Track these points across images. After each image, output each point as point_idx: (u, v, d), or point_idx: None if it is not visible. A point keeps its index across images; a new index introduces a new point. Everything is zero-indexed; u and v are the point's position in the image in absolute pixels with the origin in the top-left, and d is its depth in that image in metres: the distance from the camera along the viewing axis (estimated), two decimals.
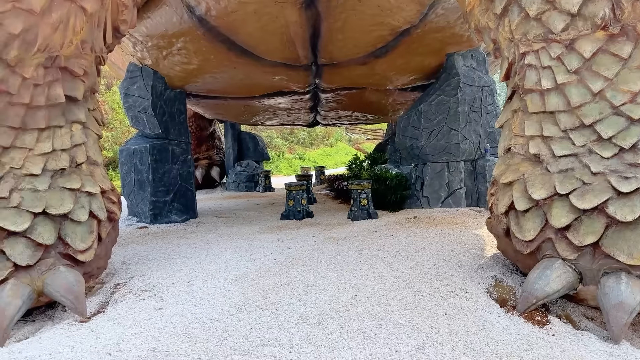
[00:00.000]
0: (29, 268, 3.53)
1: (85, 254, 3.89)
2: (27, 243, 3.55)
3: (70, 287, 3.53)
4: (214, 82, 9.52)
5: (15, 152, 3.81)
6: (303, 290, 4.34)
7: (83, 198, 4.01)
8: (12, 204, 3.60)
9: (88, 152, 4.28)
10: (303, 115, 13.37)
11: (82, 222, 3.90)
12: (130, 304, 4.15)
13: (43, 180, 3.85)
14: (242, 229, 8.04)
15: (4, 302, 3.23)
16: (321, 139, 36.35)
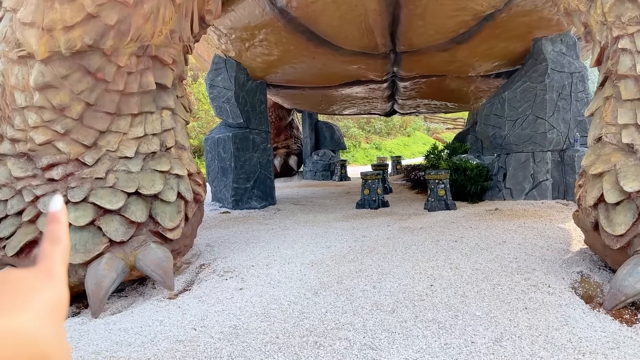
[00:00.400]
0: (122, 244, 3.90)
1: (173, 232, 4.24)
2: (121, 220, 3.93)
3: (160, 262, 3.87)
4: (293, 73, 9.78)
5: (111, 136, 4.21)
6: (377, 278, 4.43)
7: (172, 180, 4.35)
8: (108, 184, 3.99)
9: (176, 137, 4.63)
10: (380, 104, 13.33)
11: (171, 202, 4.24)
12: (213, 284, 4.47)
13: (136, 162, 4.22)
14: (318, 217, 8.27)
15: (100, 275, 3.63)
16: (398, 128, 35.71)
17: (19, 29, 3.87)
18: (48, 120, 3.98)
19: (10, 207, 3.83)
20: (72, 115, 4.03)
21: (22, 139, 4.03)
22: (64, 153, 4.01)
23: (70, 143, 4.04)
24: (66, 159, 4.01)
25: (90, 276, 3.62)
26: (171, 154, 4.53)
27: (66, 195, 3.84)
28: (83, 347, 3.17)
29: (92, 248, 3.74)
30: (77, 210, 3.79)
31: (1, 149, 4.05)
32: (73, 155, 4.02)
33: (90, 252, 3.73)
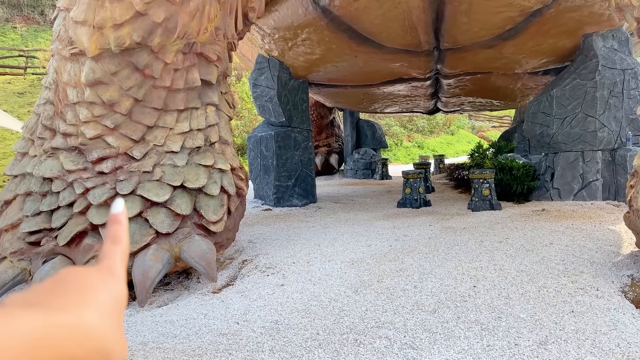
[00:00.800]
0: (168, 235, 3.98)
1: (216, 225, 4.28)
2: (167, 213, 4.00)
3: (204, 254, 3.92)
4: (335, 71, 9.74)
5: (158, 131, 4.30)
6: (419, 278, 4.35)
7: (215, 174, 4.40)
8: (155, 177, 4.07)
9: (220, 132, 4.68)
10: (423, 102, 13.11)
11: (215, 195, 4.29)
12: (255, 279, 4.50)
13: (181, 157, 4.29)
14: (358, 215, 8.20)
15: (147, 265, 3.70)
16: (441, 126, 34.88)
17: (71, 27, 4.00)
18: (98, 116, 4.10)
19: (62, 198, 3.96)
20: (121, 111, 4.13)
21: (73, 133, 4.16)
22: (113, 147, 4.12)
23: (119, 137, 4.14)
24: (115, 152, 4.12)
25: (137, 266, 3.71)
26: (215, 149, 4.59)
27: (115, 188, 3.94)
28: (131, 337, 3.26)
29: (140, 239, 3.83)
30: (126, 202, 3.87)
31: (54, 142, 4.20)
32: (122, 150, 4.13)
33: (138, 243, 3.81)
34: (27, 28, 28.89)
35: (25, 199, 4.13)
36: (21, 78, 21.12)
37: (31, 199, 4.10)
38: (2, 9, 28.62)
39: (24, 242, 3.93)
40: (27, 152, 4.38)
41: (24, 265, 3.87)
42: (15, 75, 21.52)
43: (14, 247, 3.92)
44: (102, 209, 3.86)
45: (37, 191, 4.08)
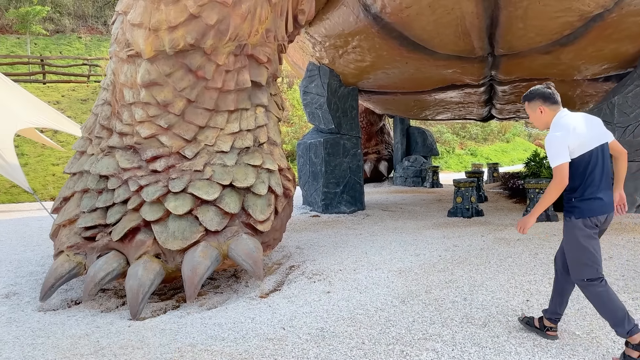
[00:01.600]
0: (217, 233, 3.98)
1: (263, 224, 4.26)
2: (216, 211, 4.01)
3: (251, 252, 3.90)
4: (385, 78, 9.59)
5: (209, 131, 4.33)
6: (469, 290, 4.16)
7: (263, 174, 4.39)
8: (205, 176, 4.09)
9: (269, 133, 4.67)
10: (476, 109, 12.69)
11: (262, 195, 4.27)
12: (302, 285, 4.44)
13: (231, 156, 4.30)
14: (407, 224, 7.99)
15: (195, 261, 3.71)
16: (496, 134, 33.34)
17: (128, 30, 4.10)
18: (153, 116, 4.17)
19: (117, 195, 4.04)
20: (175, 111, 4.19)
21: (129, 132, 4.25)
22: (167, 146, 4.18)
23: (172, 137, 4.20)
24: (168, 152, 4.17)
25: (186, 262, 3.73)
26: (263, 149, 4.58)
27: (167, 186, 3.99)
28: (181, 339, 3.29)
29: (189, 236, 3.85)
30: (177, 200, 3.92)
31: (111, 141, 4.31)
32: (175, 149, 4.18)
33: (188, 239, 3.83)
34: (90, 38, 30.41)
35: (82, 195, 4.25)
36: (84, 85, 22.12)
37: (88, 195, 4.21)
38: (68, 20, 30.25)
39: (80, 237, 4.04)
40: (85, 151, 4.52)
41: (80, 260, 3.97)
42: (79, 82, 22.54)
43: (70, 241, 4.03)
44: (154, 206, 3.91)
45: (94, 188, 4.19)
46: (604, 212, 2.80)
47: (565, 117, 2.90)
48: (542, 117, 3.01)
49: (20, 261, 5.92)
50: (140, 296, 3.56)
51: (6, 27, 28.21)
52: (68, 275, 3.92)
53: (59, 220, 4.28)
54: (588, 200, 2.79)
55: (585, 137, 2.79)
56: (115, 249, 3.94)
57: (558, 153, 2.78)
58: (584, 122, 2.86)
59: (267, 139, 4.62)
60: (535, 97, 3.01)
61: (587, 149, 2.79)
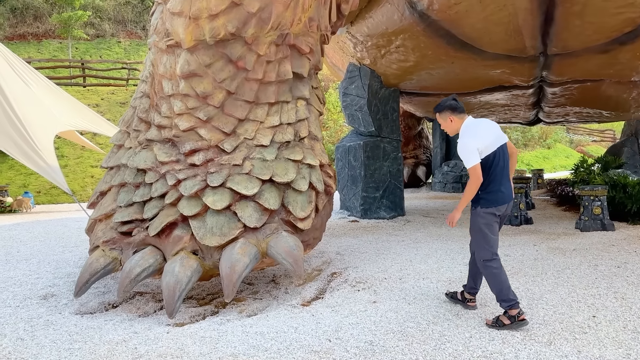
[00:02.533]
0: (255, 230, 3.80)
1: (304, 222, 4.05)
2: (255, 207, 3.83)
3: (291, 250, 3.70)
4: (429, 79, 9.30)
5: (248, 124, 4.16)
6: (527, 304, 3.86)
7: (304, 169, 4.19)
8: (245, 170, 3.92)
9: (310, 127, 4.47)
10: (523, 112, 12.19)
11: (303, 191, 4.07)
12: (346, 294, 4.21)
13: (271, 151, 4.12)
14: (452, 231, 7.65)
15: (234, 258, 3.53)
16: (537, 139, 32.46)
17: (168, 19, 3.99)
18: (192, 108, 4.04)
19: (154, 190, 3.91)
20: (214, 103, 4.04)
21: (167, 125, 4.13)
22: (205, 140, 4.03)
23: (211, 130, 4.05)
24: (207, 145, 4.03)
25: (224, 259, 3.56)
26: (304, 144, 4.39)
27: (205, 180, 3.84)
28: (222, 348, 3.12)
29: (228, 232, 3.68)
30: (216, 194, 3.76)
31: (149, 134, 4.20)
32: (213, 142, 4.03)
33: (226, 235, 3.66)
34: (130, 42, 31.18)
35: (119, 190, 4.15)
36: (123, 89, 22.62)
37: (125, 190, 4.10)
38: (108, 25, 31.12)
39: (116, 232, 3.92)
40: (122, 144, 4.43)
41: (115, 255, 3.85)
42: (118, 86, 23.05)
43: (106, 236, 3.92)
44: (192, 200, 3.76)
45: (131, 182, 4.07)
46: (505, 202, 3.43)
47: (472, 124, 3.46)
48: (452, 125, 3.55)
49: (59, 262, 5.88)
50: (177, 294, 3.39)
51: (49, 32, 29.24)
52: (103, 270, 3.80)
53: (95, 214, 4.19)
54: (491, 193, 3.38)
55: (489, 140, 3.36)
56: (151, 245, 3.81)
57: (470, 156, 3.30)
58: (486, 127, 3.43)
59: (308, 133, 4.43)
60: (445, 108, 3.56)
61: (491, 150, 3.36)
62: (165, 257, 3.74)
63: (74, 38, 28.02)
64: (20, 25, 29.34)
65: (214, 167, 3.92)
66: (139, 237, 3.83)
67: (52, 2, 29.01)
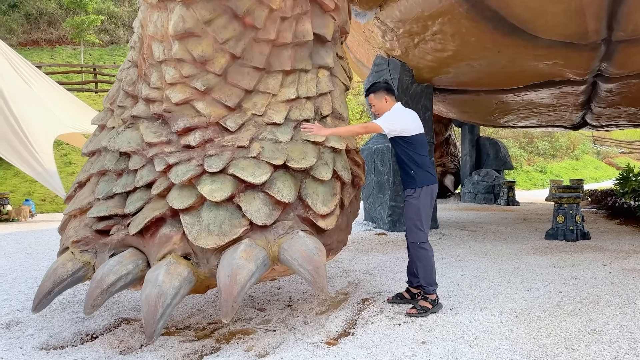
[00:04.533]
0: (264, 228, 3.03)
1: (326, 219, 3.27)
2: (264, 199, 3.07)
3: (310, 255, 2.91)
4: (469, 73, 8.52)
5: (257, 97, 3.42)
6: (628, 347, 3.01)
7: (327, 154, 3.42)
8: (252, 153, 3.17)
9: (334, 104, 3.71)
10: (569, 113, 11.32)
11: (325, 181, 3.29)
12: (383, 329, 3.38)
13: (285, 130, 3.37)
14: (498, 247, 6.80)
15: (236, 265, 2.77)
16: (565, 150, 32.00)
17: None
18: (187, 76, 3.33)
19: (139, 178, 3.21)
20: (215, 70, 3.34)
21: (157, 98, 3.43)
22: (203, 115, 3.31)
23: (210, 103, 3.33)
24: (205, 122, 3.30)
25: (223, 266, 2.80)
26: (326, 123, 3.63)
27: (202, 165, 3.11)
28: None
29: (229, 230, 2.93)
30: (214, 182, 3.03)
31: (134, 110, 3.50)
32: (213, 119, 3.30)
33: (226, 235, 2.92)
34: None
35: (99, 179, 3.46)
36: None
37: (105, 179, 3.41)
38: (123, 31, 31.25)
39: (90, 229, 3.22)
40: (105, 125, 3.75)
41: (87, 259, 3.15)
42: None
43: (78, 235, 3.23)
44: (185, 190, 3.03)
45: (112, 169, 3.38)
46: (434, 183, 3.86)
47: (402, 108, 3.93)
48: (385, 106, 3.94)
49: (38, 279, 5.16)
50: (160, 310, 2.64)
51: (62, 39, 29.46)
52: (71, 278, 3.09)
53: (68, 209, 3.49)
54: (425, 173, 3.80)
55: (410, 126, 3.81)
56: (132, 247, 3.09)
57: (387, 121, 3.77)
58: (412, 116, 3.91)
59: (331, 111, 3.67)
60: (382, 88, 3.95)
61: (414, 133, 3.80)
62: (149, 262, 3.02)
63: (88, 44, 28.10)
64: (34, 31, 29.61)
65: (213, 149, 3.18)
66: (117, 236, 3.11)
67: (65, 7, 29.21)
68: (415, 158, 3.76)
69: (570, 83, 8.78)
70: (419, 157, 3.78)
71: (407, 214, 3.81)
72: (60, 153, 17.31)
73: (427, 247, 3.77)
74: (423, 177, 3.75)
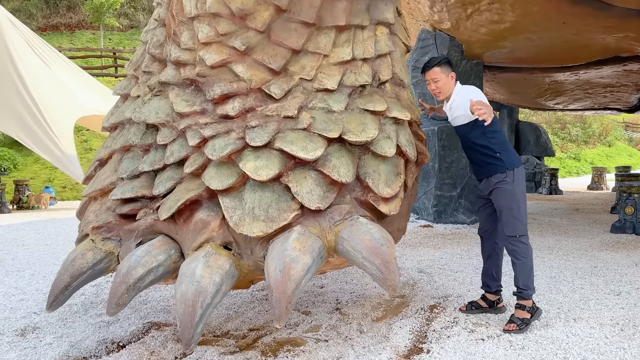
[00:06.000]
0: (318, 213, 2.62)
1: (389, 203, 2.82)
2: (317, 178, 2.66)
3: (377, 247, 2.47)
4: (526, 47, 7.97)
5: (306, 58, 2.99)
6: None
7: (388, 125, 2.98)
8: (301, 125, 2.76)
9: (394, 67, 3.25)
10: (628, 94, 10.83)
11: (388, 157, 2.86)
12: (464, 346, 2.93)
13: (338, 98, 2.94)
14: (562, 242, 6.31)
15: (289, 257, 2.37)
16: (598, 136, 31.61)
17: None
18: (224, 34, 2.93)
19: (169, 154, 2.84)
20: (256, 26, 2.93)
21: (189, 61, 3.04)
22: (244, 80, 2.90)
23: (251, 66, 2.93)
24: (245, 88, 2.89)
25: (273, 258, 2.40)
26: (385, 90, 3.18)
27: (243, 138, 2.71)
28: None
29: (277, 215, 2.53)
30: (259, 158, 2.62)
31: (163, 76, 3.12)
32: (255, 84, 2.90)
33: (274, 220, 2.51)
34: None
35: (122, 156, 3.10)
36: None
37: (130, 155, 3.05)
38: (142, 15, 31.27)
39: (113, 213, 2.87)
40: (128, 94, 3.38)
41: (110, 248, 2.80)
42: None
43: (99, 220, 2.87)
44: (224, 168, 2.64)
45: (138, 144, 3.02)
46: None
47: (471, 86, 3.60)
48: (450, 83, 3.48)
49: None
50: (199, 311, 2.26)
51: (82, 23, 29.60)
52: (91, 271, 2.74)
53: (88, 190, 3.15)
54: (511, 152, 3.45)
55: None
56: (163, 233, 2.74)
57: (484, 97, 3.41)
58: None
59: (391, 76, 3.21)
60: (446, 62, 3.49)
61: None
62: (182, 252, 2.66)
63: (107, 28, 28.18)
64: (54, 16, 29.81)
65: (255, 119, 2.78)
66: (145, 221, 2.76)
67: None
68: (500, 137, 3.43)
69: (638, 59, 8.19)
70: (502, 136, 3.46)
71: (501, 202, 3.35)
72: (81, 139, 17.28)
73: (526, 242, 3.30)
74: (513, 158, 3.39)
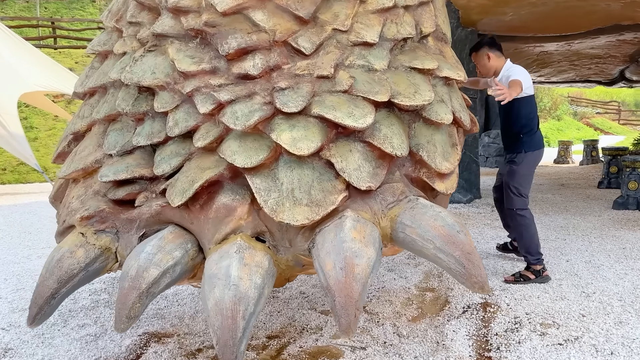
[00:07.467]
0: (367, 194, 2.22)
1: (445, 180, 2.46)
2: (364, 152, 2.24)
3: (453, 235, 2.07)
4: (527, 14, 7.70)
5: (339, 4, 2.52)
6: None
7: (440, 87, 2.59)
8: (340, 86, 2.31)
9: (437, 18, 2.85)
10: (613, 65, 11.02)
11: (443, 125, 2.48)
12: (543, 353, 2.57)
13: (380, 54, 2.51)
14: (571, 220, 6.24)
15: (350, 251, 1.95)
16: (548, 110, 32.65)
17: None
18: None
19: (172, 123, 2.35)
20: None
21: (192, 7, 2.49)
22: (265, 31, 2.39)
23: (274, 13, 2.42)
24: (268, 41, 2.39)
25: (329, 252, 1.97)
26: (428, 45, 2.77)
27: (271, 102, 2.25)
28: None
29: (322, 198, 2.10)
30: (295, 127, 2.17)
31: (157, 26, 2.56)
32: (279, 36, 2.40)
33: (320, 205, 2.08)
34: (105, 2, 29.89)
35: (107, 127, 2.59)
36: None
37: (117, 127, 2.54)
38: None
39: (105, 199, 2.37)
40: (110, 51, 2.83)
41: (105, 242, 2.31)
42: None
43: (88, 208, 2.36)
44: (249, 140, 2.18)
45: (129, 112, 2.49)
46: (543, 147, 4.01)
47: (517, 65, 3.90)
48: (489, 64, 3.90)
49: (21, 276, 4.28)
50: (241, 324, 1.81)
51: None
52: (84, 273, 2.24)
53: (66, 170, 2.62)
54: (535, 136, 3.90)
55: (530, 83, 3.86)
56: (174, 223, 2.27)
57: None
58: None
59: (434, 28, 2.80)
60: (483, 45, 3.95)
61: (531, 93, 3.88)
62: (201, 246, 2.21)
63: None
64: None
65: (284, 79, 2.32)
66: (149, 208, 2.28)
67: None
68: (534, 118, 3.86)
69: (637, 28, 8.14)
70: (534, 117, 3.89)
71: (506, 178, 3.91)
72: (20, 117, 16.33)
73: (524, 214, 3.83)
74: (532, 142, 3.83)
